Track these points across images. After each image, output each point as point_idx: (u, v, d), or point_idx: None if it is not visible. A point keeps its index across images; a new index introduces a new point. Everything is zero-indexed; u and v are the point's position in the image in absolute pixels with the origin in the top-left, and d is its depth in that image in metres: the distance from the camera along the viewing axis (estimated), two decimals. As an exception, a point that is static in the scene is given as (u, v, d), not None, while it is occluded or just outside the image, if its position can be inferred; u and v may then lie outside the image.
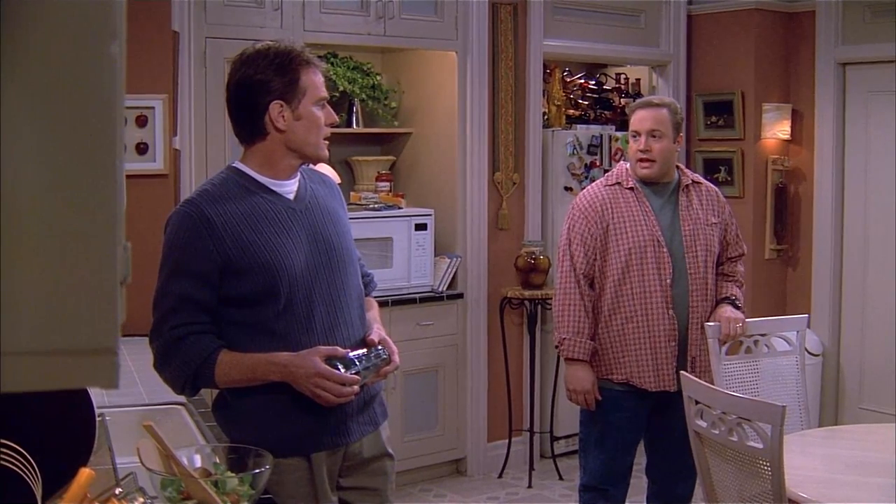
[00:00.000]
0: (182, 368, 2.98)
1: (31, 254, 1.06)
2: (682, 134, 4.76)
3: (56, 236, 1.07)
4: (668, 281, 4.54)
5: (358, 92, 6.67)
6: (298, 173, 3.17)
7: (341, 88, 6.56)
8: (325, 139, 3.12)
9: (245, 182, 3.09)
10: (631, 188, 4.64)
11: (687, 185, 4.71)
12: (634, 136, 4.65)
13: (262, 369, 2.97)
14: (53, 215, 1.07)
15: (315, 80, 3.06)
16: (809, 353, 7.00)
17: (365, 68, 6.81)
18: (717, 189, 4.88)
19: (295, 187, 3.15)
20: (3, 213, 1.05)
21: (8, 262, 1.05)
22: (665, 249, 4.55)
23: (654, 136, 4.59)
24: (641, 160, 4.62)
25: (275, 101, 3.02)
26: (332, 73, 6.51)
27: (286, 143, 3.07)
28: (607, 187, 4.69)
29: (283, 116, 3.03)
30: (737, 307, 4.69)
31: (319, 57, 6.34)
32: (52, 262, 1.07)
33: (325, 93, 3.09)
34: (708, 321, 4.62)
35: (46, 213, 1.07)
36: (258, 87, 3.02)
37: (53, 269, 1.07)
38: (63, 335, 1.08)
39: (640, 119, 4.65)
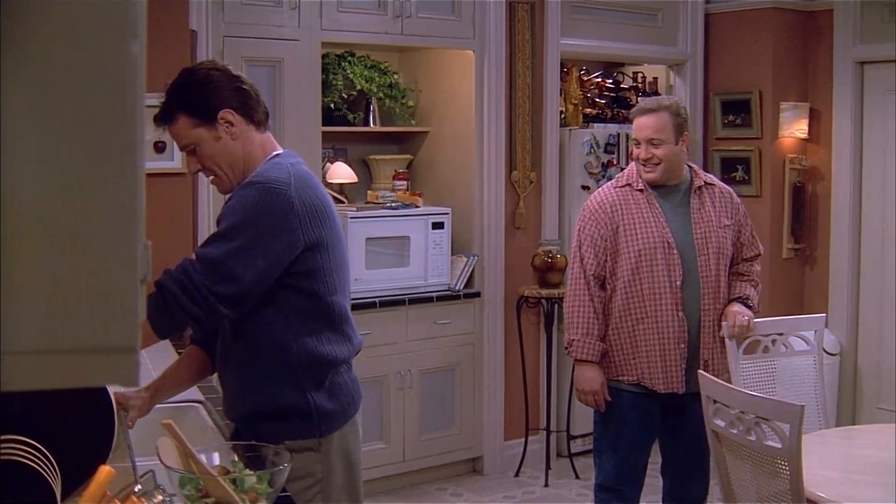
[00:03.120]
0: None
1: (52, 252, 1.07)
2: (688, 133, 4.72)
3: (76, 235, 1.07)
4: (678, 283, 4.52)
5: (375, 91, 6.68)
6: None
7: (358, 87, 6.57)
8: (210, 178, 3.18)
9: None
10: (641, 190, 4.62)
11: (699, 187, 4.69)
12: (636, 144, 4.63)
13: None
14: (74, 214, 1.07)
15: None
16: (826, 352, 6.97)
17: (382, 67, 6.82)
18: (730, 190, 4.85)
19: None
20: (23, 213, 1.05)
21: (28, 261, 1.06)
22: (675, 251, 4.53)
23: (654, 144, 4.56)
24: (645, 165, 4.61)
25: None
26: (349, 71, 6.52)
27: None
28: (617, 189, 4.67)
29: None
30: (748, 306, 4.67)
31: (337, 56, 6.40)
32: (73, 260, 1.07)
33: (178, 144, 3.15)
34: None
35: (66, 212, 1.07)
36: None
37: (74, 267, 1.07)
38: (83, 333, 1.09)
39: (639, 127, 4.62)
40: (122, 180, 1.09)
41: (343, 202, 6.63)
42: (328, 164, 6.63)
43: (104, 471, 2.01)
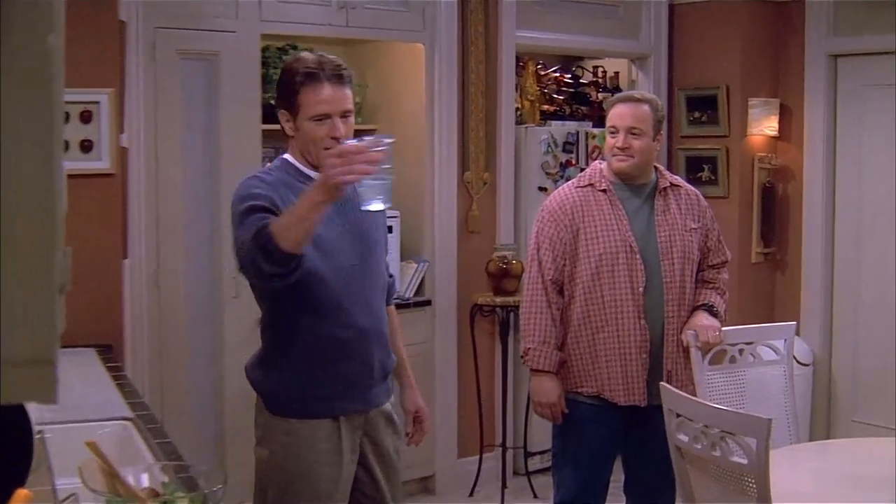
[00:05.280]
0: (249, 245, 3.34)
1: (-37, 260, 1.06)
2: (663, 133, 4.77)
3: (-11, 241, 1.07)
4: (641, 289, 4.55)
5: (319, 86, 6.66)
6: None
7: (301, 82, 6.55)
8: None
9: (292, 171, 3.65)
10: (604, 190, 4.64)
11: (665, 188, 4.71)
12: (613, 133, 4.65)
13: (305, 193, 3.33)
14: (-14, 218, 1.07)
15: (310, 98, 3.54)
16: (799, 362, 7.01)
17: (326, 61, 6.80)
18: (697, 192, 4.88)
19: None
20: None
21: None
22: (638, 256, 4.56)
23: (633, 134, 4.59)
24: (618, 154, 4.63)
25: (280, 111, 3.64)
26: (291, 66, 6.50)
27: (297, 146, 3.66)
28: (579, 189, 4.69)
29: (288, 125, 3.63)
30: (714, 314, 4.70)
31: (278, 49, 6.37)
32: (-15, 268, 1.07)
33: (322, 110, 3.55)
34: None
35: (-21, 217, 1.07)
36: (277, 93, 3.70)
37: (-14, 275, 1.07)
38: (-2, 346, 1.08)
39: (619, 115, 4.65)
40: (39, 182, 1.09)
41: (285, 205, 6.61)
42: (269, 165, 6.60)
43: (21, 495, 2.00)
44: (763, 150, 7.62)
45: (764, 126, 7.51)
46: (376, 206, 3.40)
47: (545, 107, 7.71)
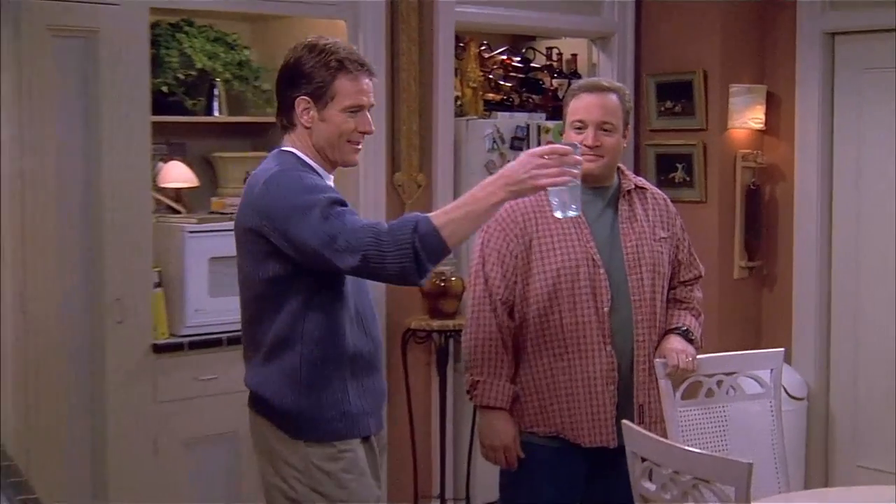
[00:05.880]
0: (400, 244, 3.56)
1: None
2: (630, 127, 4.76)
3: None
4: (606, 309, 4.53)
5: (220, 70, 6.64)
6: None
7: (199, 66, 6.51)
8: (354, 144, 3.96)
9: (304, 168, 3.90)
10: (559, 194, 4.63)
11: (629, 191, 4.70)
12: (579, 128, 4.61)
13: (479, 190, 3.59)
14: None
15: (348, 88, 3.87)
16: (791, 396, 7.05)
17: (229, 40, 6.79)
18: (665, 196, 4.88)
19: (332, 182, 4.03)
20: None
21: None
22: (602, 270, 4.54)
23: (605, 130, 4.56)
24: (586, 154, 4.57)
25: (301, 98, 3.87)
26: (186, 45, 6.45)
27: (311, 140, 3.92)
28: (531, 193, 4.68)
29: (307, 114, 3.89)
30: (690, 340, 4.69)
31: (171, 25, 6.33)
32: None
33: (359, 101, 3.90)
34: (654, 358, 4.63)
35: None
36: (293, 78, 3.90)
37: None
38: None
39: (587, 107, 4.61)
40: None
41: (180, 212, 6.57)
42: (160, 164, 6.56)
43: None
44: (747, 145, 7.66)
45: (748, 118, 7.53)
46: (573, 213, 3.61)
47: (490, 95, 7.73)
